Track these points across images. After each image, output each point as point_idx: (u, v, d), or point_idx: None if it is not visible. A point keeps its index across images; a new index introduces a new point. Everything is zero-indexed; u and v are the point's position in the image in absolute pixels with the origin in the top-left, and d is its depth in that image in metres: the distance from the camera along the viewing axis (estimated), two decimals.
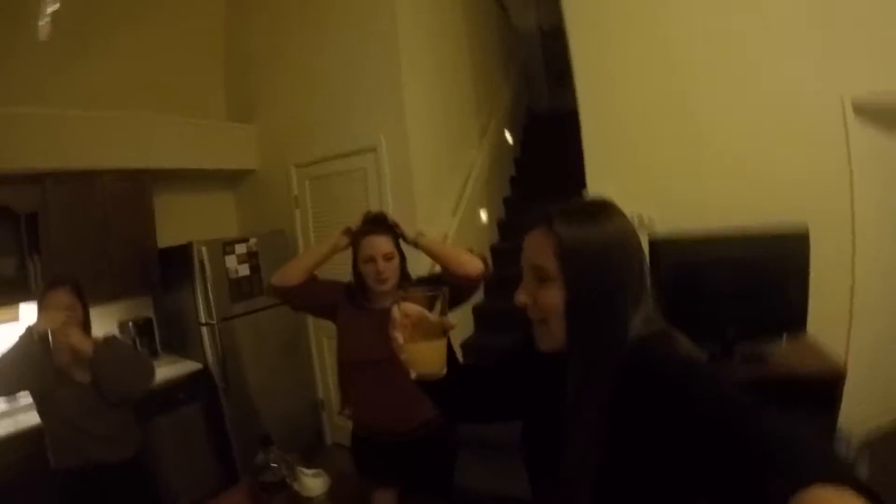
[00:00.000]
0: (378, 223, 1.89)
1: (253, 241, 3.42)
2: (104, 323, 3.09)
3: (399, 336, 0.94)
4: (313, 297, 1.95)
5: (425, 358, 0.97)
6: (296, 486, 1.51)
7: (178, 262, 3.21)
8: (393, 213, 3.22)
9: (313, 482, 1.50)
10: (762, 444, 0.56)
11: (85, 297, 2.14)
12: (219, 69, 4.20)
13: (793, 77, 2.65)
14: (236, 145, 3.95)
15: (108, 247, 3.08)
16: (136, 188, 3.26)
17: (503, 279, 3.77)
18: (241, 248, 3.34)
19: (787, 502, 0.49)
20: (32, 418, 2.30)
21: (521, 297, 0.87)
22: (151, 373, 2.28)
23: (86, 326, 2.12)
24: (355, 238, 1.87)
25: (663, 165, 2.95)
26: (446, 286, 0.99)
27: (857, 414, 2.82)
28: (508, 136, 4.94)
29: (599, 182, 3.12)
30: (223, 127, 3.98)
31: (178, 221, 3.65)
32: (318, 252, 1.93)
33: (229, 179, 4.18)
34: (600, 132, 3.11)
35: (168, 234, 3.41)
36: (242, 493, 1.72)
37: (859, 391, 2.70)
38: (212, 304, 3.16)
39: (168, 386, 2.99)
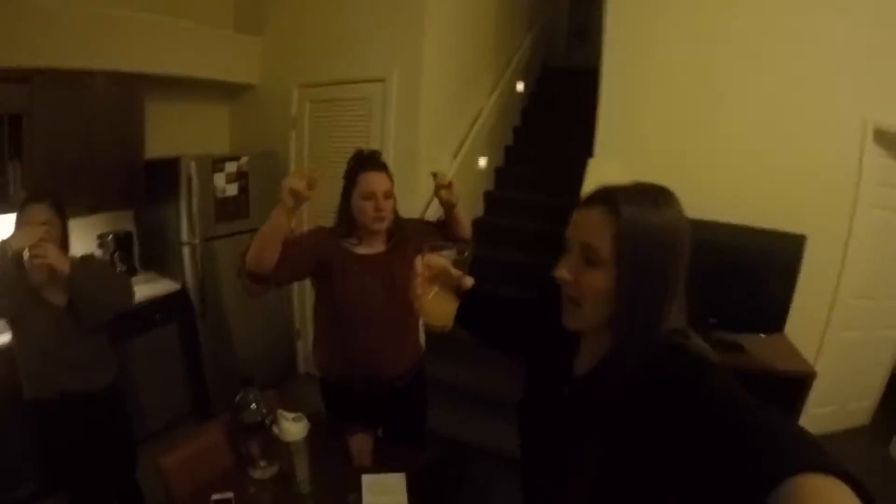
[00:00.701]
0: (375, 161, 1.80)
1: (244, 159, 3.26)
2: (84, 235, 2.98)
3: (418, 287, 0.99)
4: (299, 261, 1.70)
5: (439, 311, 1.02)
6: (275, 430, 1.49)
7: (164, 175, 3.06)
8: (394, 147, 3.15)
9: (293, 426, 1.47)
10: (758, 437, 0.57)
11: (64, 214, 2.00)
12: None
13: (821, 92, 2.67)
14: (239, 58, 3.72)
15: (94, 155, 2.86)
16: (129, 93, 3.02)
17: (495, 228, 3.76)
18: (230, 167, 3.17)
19: (777, 488, 0.49)
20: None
21: (563, 273, 0.82)
22: (130, 294, 2.16)
23: (64, 244, 1.97)
24: (351, 174, 1.77)
25: (676, 149, 2.94)
26: (465, 245, 0.98)
27: (817, 416, 3.02)
28: (520, 86, 4.80)
29: (607, 150, 3.09)
30: (227, 37, 3.73)
31: (167, 131, 3.44)
32: (281, 214, 1.54)
33: (226, 92, 3.95)
34: (618, 102, 3.07)
35: (156, 144, 3.23)
36: (219, 430, 1.69)
37: (823, 396, 2.88)
38: (195, 223, 3.04)
39: (145, 305, 2.90)
